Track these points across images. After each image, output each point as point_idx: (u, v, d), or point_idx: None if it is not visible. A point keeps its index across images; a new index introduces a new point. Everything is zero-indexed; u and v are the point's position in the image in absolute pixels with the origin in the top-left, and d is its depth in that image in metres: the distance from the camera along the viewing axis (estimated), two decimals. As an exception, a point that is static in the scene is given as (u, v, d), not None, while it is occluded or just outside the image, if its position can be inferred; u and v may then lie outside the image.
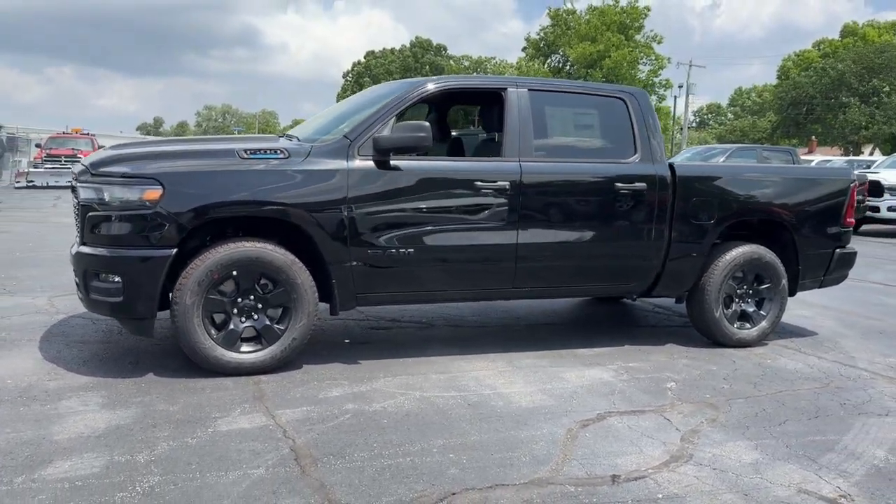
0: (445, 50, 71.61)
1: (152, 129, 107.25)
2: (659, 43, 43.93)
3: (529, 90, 4.83)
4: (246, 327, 4.19)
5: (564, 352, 5.03)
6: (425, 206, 4.46)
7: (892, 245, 13.68)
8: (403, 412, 3.71)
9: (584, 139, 5.36)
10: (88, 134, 29.06)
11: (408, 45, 69.90)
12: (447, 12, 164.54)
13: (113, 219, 3.99)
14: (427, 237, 4.47)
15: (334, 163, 4.26)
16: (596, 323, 6.23)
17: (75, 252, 4.16)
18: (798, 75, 48.85)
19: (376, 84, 7.37)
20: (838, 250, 5.67)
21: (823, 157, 19.68)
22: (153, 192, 3.92)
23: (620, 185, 4.89)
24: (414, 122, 4.32)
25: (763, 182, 5.45)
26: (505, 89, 4.79)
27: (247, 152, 4.16)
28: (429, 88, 4.62)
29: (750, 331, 5.41)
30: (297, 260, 4.19)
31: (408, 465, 3.07)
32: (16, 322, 5.28)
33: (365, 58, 69.83)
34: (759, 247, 5.37)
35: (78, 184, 4.17)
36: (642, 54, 43.35)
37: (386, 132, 4.31)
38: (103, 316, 4.59)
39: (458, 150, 5.62)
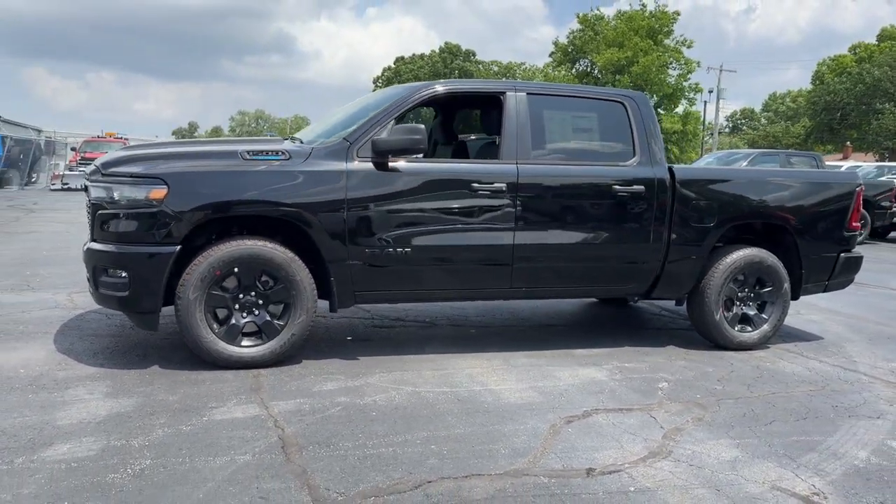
0: (474, 55, 71.75)
1: (187, 133, 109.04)
2: (689, 47, 43.57)
3: (528, 94, 4.92)
4: (247, 322, 4.34)
5: (562, 351, 5.09)
6: (423, 207, 4.58)
7: (919, 252, 13.43)
8: (393, 406, 3.82)
9: (583, 142, 5.42)
10: (122, 138, 29.76)
11: (437, 51, 70.18)
12: (478, 18, 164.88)
13: (121, 216, 4.17)
14: (424, 237, 4.58)
15: (333, 164, 4.40)
16: (599, 324, 6.28)
17: (86, 248, 4.35)
18: (832, 80, 48.05)
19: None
20: (843, 255, 5.65)
21: (854, 163, 19.35)
22: (159, 192, 4.10)
23: (618, 188, 4.95)
24: (409, 125, 4.44)
25: (764, 185, 5.46)
26: (504, 93, 4.89)
27: (249, 154, 4.31)
28: (426, 93, 4.73)
29: (751, 334, 5.42)
30: (297, 258, 4.34)
31: (389, 455, 3.18)
32: (35, 316, 5.51)
33: (395, 63, 70.27)
34: (761, 250, 5.38)
35: (90, 183, 4.36)
36: (671, 59, 42.97)
37: (384, 135, 4.44)
38: (112, 310, 4.76)
39: (463, 153, 5.73)
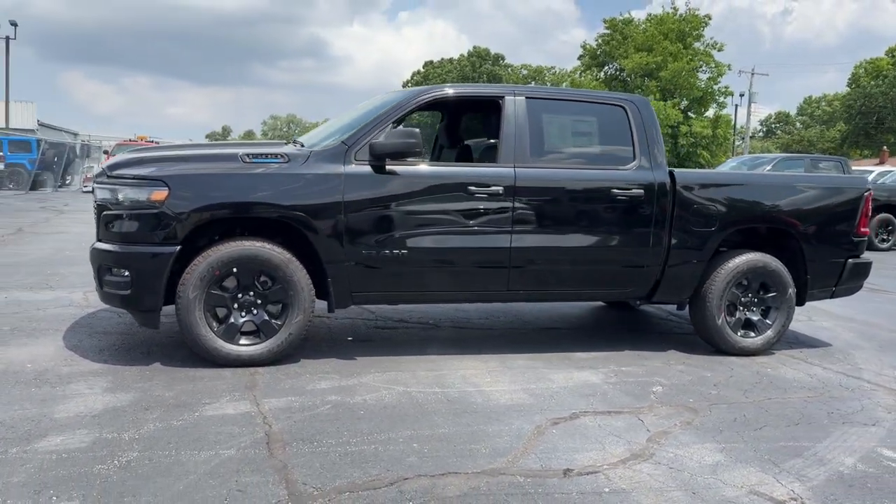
0: (503, 59, 71.79)
1: (220, 137, 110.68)
2: (719, 50, 43.01)
3: (527, 98, 4.96)
4: (245, 321, 4.44)
5: (560, 354, 5.11)
6: (419, 210, 4.64)
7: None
8: (382, 405, 3.89)
9: (582, 146, 5.43)
10: (153, 141, 30.36)
11: (465, 55, 70.33)
12: (510, 21, 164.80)
13: (124, 217, 4.30)
14: (421, 239, 4.64)
15: (331, 167, 4.48)
16: (602, 328, 6.27)
17: (92, 248, 4.49)
18: (868, 83, 47.11)
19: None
20: (851, 260, 5.58)
21: (888, 168, 18.95)
22: (160, 193, 4.22)
23: (617, 192, 4.96)
24: (405, 129, 4.51)
25: (768, 190, 5.41)
26: (502, 97, 4.93)
27: (249, 157, 4.42)
28: (424, 97, 4.80)
29: (754, 339, 5.37)
30: (294, 258, 4.42)
31: (370, 452, 3.24)
32: (50, 313, 5.69)
33: (423, 67, 70.58)
34: (764, 255, 5.34)
35: (96, 185, 4.51)
36: (701, 62, 42.47)
37: (382, 138, 4.51)
38: (116, 308, 4.90)
39: (467, 157, 5.78)
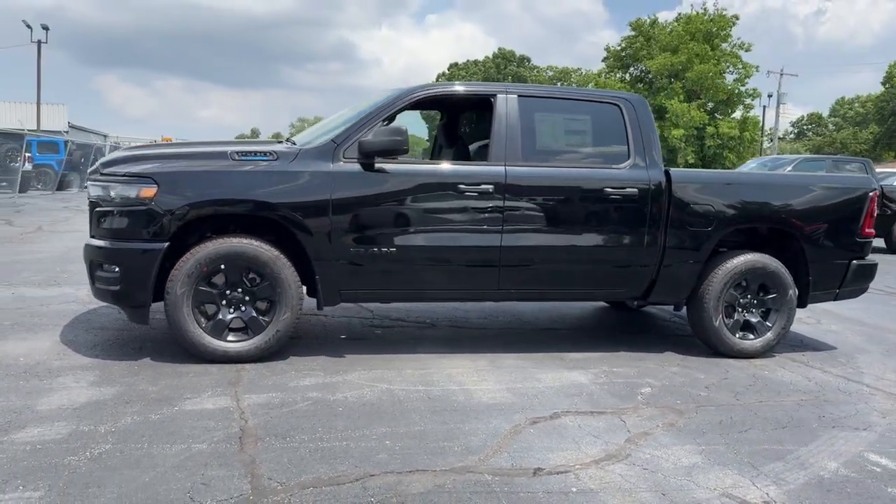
0: (529, 61, 71.62)
1: (249, 139, 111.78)
2: (746, 51, 42.37)
3: (520, 96, 4.93)
4: (234, 318, 4.47)
5: (553, 354, 5.07)
6: (408, 208, 4.64)
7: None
8: (362, 402, 3.88)
9: (576, 144, 5.38)
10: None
11: (490, 57, 70.30)
12: (538, 23, 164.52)
13: (115, 214, 4.35)
14: (410, 238, 4.64)
15: (319, 165, 4.50)
16: (601, 329, 6.21)
17: (85, 245, 4.56)
18: (901, 84, 46.11)
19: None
20: (855, 262, 5.45)
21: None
22: (149, 190, 4.27)
23: (610, 191, 4.90)
24: (392, 127, 4.51)
25: (767, 189, 5.32)
26: (494, 96, 4.91)
27: (238, 154, 4.45)
28: (414, 96, 4.79)
29: (753, 341, 5.27)
30: (282, 256, 4.44)
31: (341, 449, 3.24)
32: (52, 309, 5.78)
33: (448, 69, 70.73)
34: (763, 255, 5.24)
35: (90, 182, 4.57)
36: (728, 63, 41.88)
37: (370, 136, 4.51)
38: (106, 303, 4.95)
39: (465, 155, 5.77)
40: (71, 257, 8.63)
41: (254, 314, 4.48)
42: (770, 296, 5.27)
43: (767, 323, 5.30)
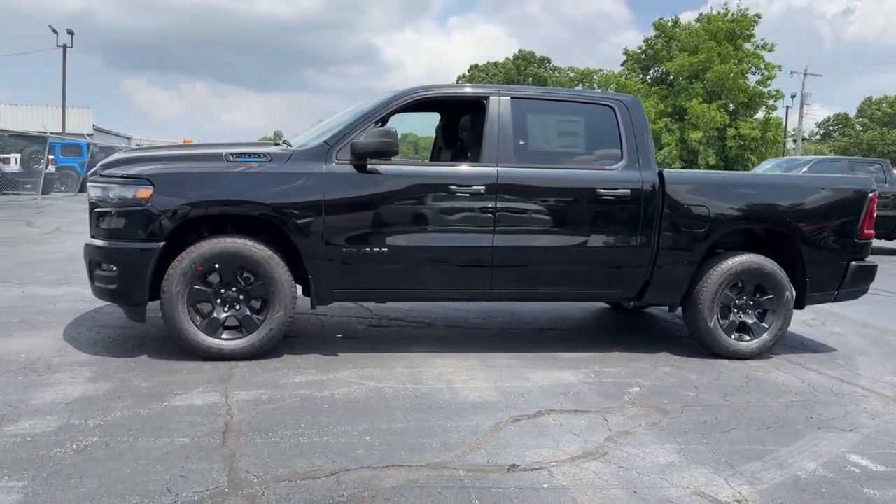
0: (549, 62, 71.41)
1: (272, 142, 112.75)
2: (769, 51, 41.84)
3: (512, 98, 4.97)
4: (228, 316, 4.56)
5: (546, 354, 5.09)
6: (400, 209, 4.70)
7: None
8: (348, 399, 3.95)
9: (568, 146, 5.40)
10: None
11: (511, 58, 70.25)
12: (561, 25, 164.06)
13: (112, 214, 4.47)
14: (402, 238, 4.70)
15: (312, 166, 4.58)
16: (599, 330, 6.22)
17: (84, 244, 4.68)
18: (929, 83, 45.25)
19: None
20: (854, 263, 5.41)
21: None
22: (145, 191, 4.37)
23: (603, 192, 4.92)
24: (382, 128, 4.58)
25: (762, 191, 5.30)
26: (487, 97, 4.96)
27: (233, 156, 4.54)
28: (406, 98, 4.85)
29: (749, 343, 5.26)
30: (275, 255, 4.53)
31: (321, 444, 3.30)
32: (60, 307, 5.93)
33: (469, 71, 70.81)
34: (759, 256, 5.22)
35: (90, 183, 4.70)
36: (750, 64, 41.40)
37: (362, 138, 4.58)
38: (105, 301, 5.06)
39: (463, 156, 5.81)
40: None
41: (248, 313, 4.57)
42: (766, 297, 5.25)
43: (763, 324, 5.28)
